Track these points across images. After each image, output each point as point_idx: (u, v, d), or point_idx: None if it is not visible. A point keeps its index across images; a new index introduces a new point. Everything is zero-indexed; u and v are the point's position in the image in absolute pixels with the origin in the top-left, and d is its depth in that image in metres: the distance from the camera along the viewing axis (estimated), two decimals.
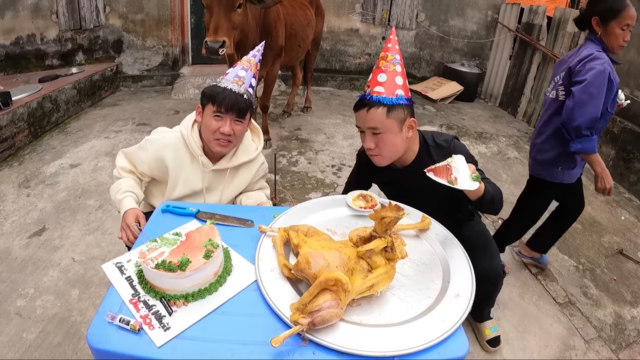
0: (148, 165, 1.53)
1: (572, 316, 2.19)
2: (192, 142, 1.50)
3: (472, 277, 1.06)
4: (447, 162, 1.16)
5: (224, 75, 1.47)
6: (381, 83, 1.36)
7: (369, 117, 1.36)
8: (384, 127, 1.36)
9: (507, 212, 2.42)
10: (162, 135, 1.54)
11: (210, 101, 1.42)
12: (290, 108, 4.82)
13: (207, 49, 2.73)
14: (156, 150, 1.50)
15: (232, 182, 1.60)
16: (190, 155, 1.53)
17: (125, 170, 1.56)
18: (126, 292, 1.00)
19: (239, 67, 1.48)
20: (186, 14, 5.72)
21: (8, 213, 2.76)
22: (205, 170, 1.54)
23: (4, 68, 5.24)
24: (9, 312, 1.99)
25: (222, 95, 1.40)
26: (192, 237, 1.06)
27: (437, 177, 1.15)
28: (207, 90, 1.45)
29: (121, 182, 1.53)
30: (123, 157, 1.59)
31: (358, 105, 1.40)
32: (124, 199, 1.49)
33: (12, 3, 5.12)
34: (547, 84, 4.82)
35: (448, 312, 0.95)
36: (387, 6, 5.94)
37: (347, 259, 0.94)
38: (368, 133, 1.39)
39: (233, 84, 1.43)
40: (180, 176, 1.53)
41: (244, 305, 0.98)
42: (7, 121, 3.52)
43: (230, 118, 1.43)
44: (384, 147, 1.40)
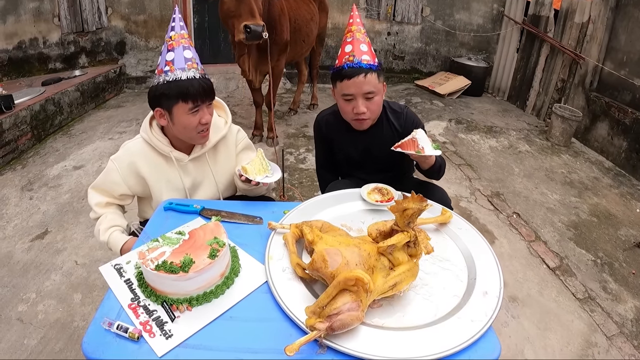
0: (125, 183, 1.41)
1: (593, 312, 2.13)
2: (157, 143, 1.38)
3: (500, 273, 0.99)
4: (412, 135, 1.30)
5: (171, 65, 1.28)
6: (365, 52, 1.45)
7: (367, 82, 1.43)
8: (376, 90, 1.46)
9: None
10: (125, 148, 1.42)
11: (179, 99, 1.28)
12: (296, 105, 4.75)
13: (250, 32, 2.61)
14: (128, 165, 1.39)
15: (216, 165, 1.49)
16: (161, 157, 1.41)
17: (101, 205, 1.43)
18: (125, 296, 0.93)
19: (180, 48, 1.30)
20: (189, 14, 5.65)
21: (11, 216, 2.70)
22: (183, 165, 1.43)
23: (7, 73, 5.21)
24: (10, 318, 1.93)
25: (193, 89, 1.27)
26: (195, 235, 0.98)
27: (405, 150, 1.28)
28: (167, 89, 1.28)
29: (100, 222, 1.41)
30: (94, 192, 1.45)
31: (352, 72, 1.43)
32: (110, 236, 1.38)
33: (13, 7, 5.09)
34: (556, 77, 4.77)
35: (477, 312, 0.87)
36: (392, 1, 5.85)
37: (367, 255, 0.85)
38: (361, 98, 1.45)
39: (190, 70, 1.29)
40: (161, 181, 1.42)
41: (253, 309, 0.89)
42: (9, 124, 3.47)
43: (205, 106, 1.33)
44: (373, 109, 1.50)
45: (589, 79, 4.43)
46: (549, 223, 2.85)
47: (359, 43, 1.46)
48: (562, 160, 3.91)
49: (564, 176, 3.57)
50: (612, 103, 4.06)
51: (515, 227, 2.77)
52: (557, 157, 3.96)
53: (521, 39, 5.51)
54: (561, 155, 4.02)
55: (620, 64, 4.07)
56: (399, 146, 1.29)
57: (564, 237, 2.71)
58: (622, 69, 4.02)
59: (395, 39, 6.12)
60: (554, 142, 4.27)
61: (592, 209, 3.07)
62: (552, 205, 3.07)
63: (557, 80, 4.87)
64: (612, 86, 4.16)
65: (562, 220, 2.90)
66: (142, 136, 1.40)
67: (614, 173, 3.74)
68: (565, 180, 3.49)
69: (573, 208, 3.07)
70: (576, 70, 4.60)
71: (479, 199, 3.10)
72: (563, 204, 3.11)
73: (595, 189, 3.39)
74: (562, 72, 4.81)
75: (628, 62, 3.97)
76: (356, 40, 1.46)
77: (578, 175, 3.61)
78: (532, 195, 3.20)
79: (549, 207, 3.05)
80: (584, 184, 3.47)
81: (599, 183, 3.51)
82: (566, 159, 3.94)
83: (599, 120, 4.22)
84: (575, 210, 3.04)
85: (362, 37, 1.47)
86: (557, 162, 3.84)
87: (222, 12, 2.81)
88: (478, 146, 4.08)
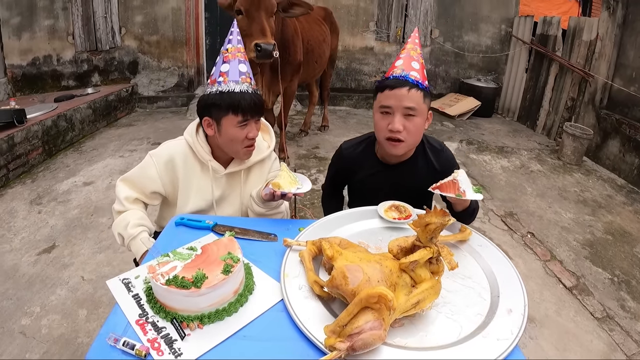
0: (161, 180, 1.38)
1: (612, 331, 2.08)
2: (199, 149, 1.38)
3: (524, 290, 0.95)
4: (453, 177, 1.19)
5: (224, 76, 1.29)
6: (415, 69, 1.33)
7: (410, 96, 1.29)
8: (419, 109, 1.31)
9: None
10: (167, 145, 1.41)
11: (230, 111, 1.27)
12: (307, 127, 4.76)
13: (261, 50, 2.61)
14: (166, 161, 1.38)
15: (247, 185, 1.48)
16: (199, 163, 1.40)
17: (130, 200, 1.38)
18: (133, 312, 0.89)
19: (236, 60, 1.30)
20: (201, 35, 5.75)
21: (18, 229, 2.70)
22: (217, 177, 1.42)
23: (20, 88, 5.31)
24: (12, 331, 1.91)
25: (244, 102, 1.26)
26: (209, 250, 0.94)
27: (444, 192, 1.17)
28: (219, 100, 1.28)
29: (127, 216, 1.35)
30: (124, 185, 1.40)
31: (395, 83, 1.30)
32: (139, 234, 1.32)
33: (29, 24, 5.22)
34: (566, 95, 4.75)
35: (502, 330, 0.82)
36: (401, 23, 5.91)
37: (389, 272, 0.81)
38: (400, 113, 1.30)
39: (243, 84, 1.28)
40: (191, 186, 1.40)
41: (268, 328, 0.85)
42: (21, 138, 3.51)
43: (254, 121, 1.32)
44: (411, 131, 1.32)
45: (598, 97, 4.41)
46: (564, 242, 2.79)
47: (410, 59, 1.34)
48: (574, 178, 3.86)
49: (577, 195, 3.51)
50: (622, 120, 4.03)
51: (530, 246, 2.72)
52: (570, 175, 3.91)
53: (530, 59, 5.54)
54: (573, 173, 3.97)
55: (629, 80, 4.05)
56: (437, 187, 1.18)
57: (580, 256, 2.65)
58: (631, 85, 4.00)
59: None
60: (566, 161, 4.22)
61: (607, 227, 3.01)
62: (566, 224, 3.02)
63: (567, 99, 4.86)
64: (622, 103, 4.13)
65: (577, 239, 2.84)
66: (186, 138, 1.40)
67: (626, 190, 3.69)
68: (578, 199, 3.43)
69: (587, 226, 3.01)
70: (586, 88, 4.59)
71: (493, 219, 3.05)
72: (577, 222, 3.06)
73: (608, 207, 3.33)
74: (572, 90, 4.80)
75: (637, 78, 3.96)
76: (408, 57, 1.35)
77: (591, 194, 3.56)
78: (546, 215, 3.14)
79: (564, 226, 2.99)
80: (597, 202, 3.41)
81: (612, 201, 3.45)
82: (578, 178, 3.88)
83: (610, 138, 4.18)
84: (590, 229, 2.98)
85: (416, 55, 1.36)
86: (570, 181, 3.79)
87: None
88: (490, 166, 4.05)
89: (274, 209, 1.39)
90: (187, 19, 5.55)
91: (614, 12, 4.19)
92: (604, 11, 4.34)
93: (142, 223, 1.36)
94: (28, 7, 5.17)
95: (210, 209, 1.45)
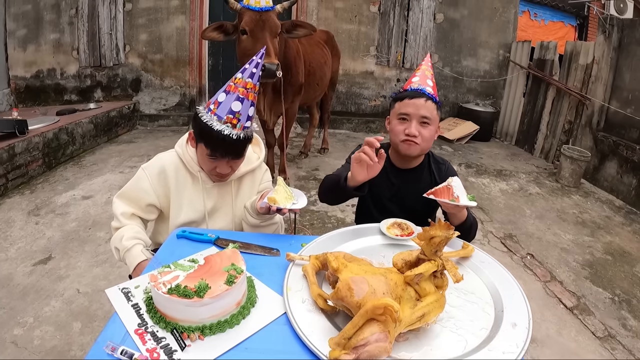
0: (154, 192, 1.38)
1: (614, 350, 2.07)
2: (189, 159, 1.39)
3: (527, 304, 0.94)
4: (447, 183, 1.23)
5: (215, 107, 1.24)
6: (430, 85, 1.47)
7: (426, 106, 1.44)
8: (433, 119, 1.46)
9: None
10: (158, 157, 1.43)
11: (202, 140, 1.27)
12: (307, 149, 4.78)
13: (264, 70, 2.59)
14: (158, 173, 1.39)
15: (238, 196, 1.48)
16: (190, 175, 1.41)
17: (127, 215, 1.38)
18: (132, 321, 0.87)
19: (233, 96, 1.23)
20: (204, 56, 5.84)
21: (15, 239, 2.69)
22: (208, 187, 1.42)
23: (23, 100, 5.36)
24: (4, 340, 1.88)
25: (217, 141, 1.23)
26: (212, 261, 0.94)
27: (438, 198, 1.21)
28: (198, 126, 1.26)
29: (123, 230, 1.35)
30: (120, 202, 1.40)
31: (414, 94, 1.45)
32: (133, 247, 1.31)
33: (34, 37, 5.30)
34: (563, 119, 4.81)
35: (508, 344, 0.82)
36: (401, 48, 6.03)
37: (394, 285, 0.80)
38: (416, 121, 1.45)
39: (226, 124, 1.23)
40: (183, 197, 1.41)
41: (271, 340, 0.84)
42: (21, 149, 3.52)
43: (226, 160, 1.31)
44: (425, 137, 1.46)
45: (595, 119, 4.47)
46: (564, 263, 2.78)
47: (425, 78, 1.49)
48: (572, 200, 3.87)
49: (576, 216, 3.52)
50: (619, 141, 4.08)
51: (530, 268, 2.71)
52: (568, 197, 3.93)
53: (527, 83, 5.63)
54: (571, 196, 3.98)
55: (626, 102, 4.12)
56: (432, 193, 1.23)
57: (580, 277, 2.64)
58: (628, 107, 4.07)
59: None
60: (564, 184, 4.25)
61: (606, 248, 3.02)
62: (565, 246, 3.01)
63: (564, 122, 4.92)
64: (619, 125, 4.19)
65: (576, 259, 2.84)
66: (177, 150, 1.41)
67: (625, 211, 3.71)
68: (577, 220, 3.44)
69: (587, 247, 3.01)
70: (583, 111, 4.66)
71: (492, 241, 3.05)
72: (577, 243, 3.06)
73: (607, 228, 3.34)
74: (569, 113, 4.87)
75: (633, 100, 4.03)
76: (424, 76, 1.49)
77: (590, 215, 3.57)
78: (545, 236, 3.14)
79: (563, 247, 2.99)
80: (596, 223, 3.42)
81: (611, 222, 3.47)
82: (577, 200, 3.90)
83: (607, 160, 4.22)
84: (590, 250, 2.98)
85: (430, 75, 1.50)
86: (568, 203, 3.81)
87: (239, 50, 2.89)
88: (489, 189, 4.07)
89: (267, 221, 1.40)
90: (191, 39, 5.65)
91: (610, 35, 4.29)
92: (599, 35, 4.44)
93: (137, 236, 1.36)
94: (35, 20, 5.27)
95: (202, 221, 1.45)
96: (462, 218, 1.31)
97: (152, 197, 1.39)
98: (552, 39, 5.91)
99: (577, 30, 7.05)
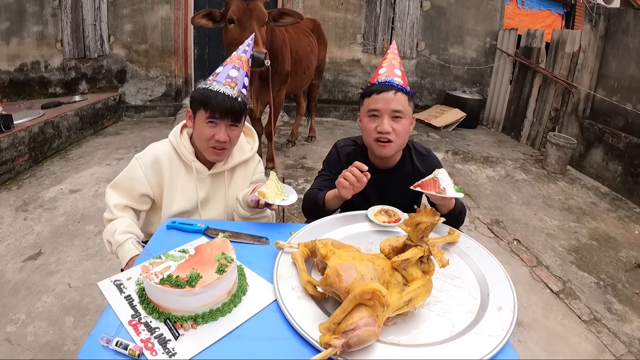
0: (148, 181, 1.38)
1: (600, 333, 2.13)
2: (183, 149, 1.39)
3: (512, 288, 0.97)
4: (434, 175, 1.23)
5: (214, 76, 1.33)
6: (398, 75, 1.41)
7: (396, 99, 1.37)
8: (405, 112, 1.39)
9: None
10: (152, 147, 1.43)
11: (201, 107, 1.30)
12: (294, 137, 4.78)
13: (253, 58, 2.64)
14: (152, 162, 1.38)
15: (231, 186, 1.49)
16: (184, 165, 1.42)
17: (119, 207, 1.39)
18: (125, 313, 0.88)
19: (230, 65, 1.34)
20: (189, 45, 5.77)
21: (3, 236, 2.66)
22: (201, 177, 1.43)
23: (7, 94, 5.25)
24: None
25: (215, 100, 1.28)
26: (202, 250, 0.95)
27: (425, 190, 1.21)
28: (197, 94, 1.32)
29: (116, 223, 1.36)
30: (113, 192, 1.41)
31: (381, 88, 1.38)
32: (125, 242, 1.32)
33: (17, 30, 5.18)
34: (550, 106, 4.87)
35: (494, 326, 0.85)
36: (388, 36, 6.02)
37: (382, 270, 0.83)
38: (388, 116, 1.37)
39: (225, 86, 1.30)
40: (176, 187, 1.41)
41: (263, 327, 0.86)
42: (7, 144, 3.47)
43: (225, 124, 1.32)
44: (399, 133, 1.39)
45: (581, 107, 4.54)
46: (550, 248, 2.85)
47: (393, 67, 1.42)
48: (558, 187, 3.94)
49: (562, 202, 3.59)
50: (605, 129, 4.15)
51: (517, 253, 2.76)
52: (554, 184, 4.00)
53: (514, 71, 5.68)
54: (558, 182, 4.05)
55: (612, 91, 4.18)
56: (418, 185, 1.22)
57: (566, 261, 2.71)
58: (613, 95, 4.13)
59: None
60: (550, 170, 4.32)
61: (592, 233, 3.09)
62: (551, 231, 3.08)
63: (551, 110, 4.98)
64: (605, 112, 4.26)
65: (562, 245, 2.90)
66: (170, 140, 1.42)
67: (610, 197, 3.78)
68: (563, 207, 3.51)
69: (573, 233, 3.08)
70: (569, 99, 4.72)
71: (479, 227, 3.10)
72: (562, 229, 3.12)
73: (593, 214, 3.41)
74: (555, 101, 4.93)
75: (619, 88, 4.09)
76: (390, 65, 1.43)
77: (575, 201, 3.64)
78: (532, 222, 3.20)
79: (549, 233, 3.05)
80: (581, 209, 3.49)
81: (596, 208, 3.54)
82: (563, 186, 3.97)
83: (593, 147, 4.29)
84: (575, 235, 3.05)
85: (397, 64, 1.44)
86: (554, 189, 3.87)
87: (226, 39, 2.87)
88: (475, 176, 4.12)
89: (259, 213, 1.41)
90: (177, 29, 5.57)
91: (596, 24, 4.34)
92: (586, 24, 4.48)
93: (130, 230, 1.36)
94: (17, 13, 5.14)
95: (195, 211, 1.46)
96: (450, 207, 1.31)
97: (145, 187, 1.39)
98: (539, 27, 5.95)
99: (564, 19, 7.09)
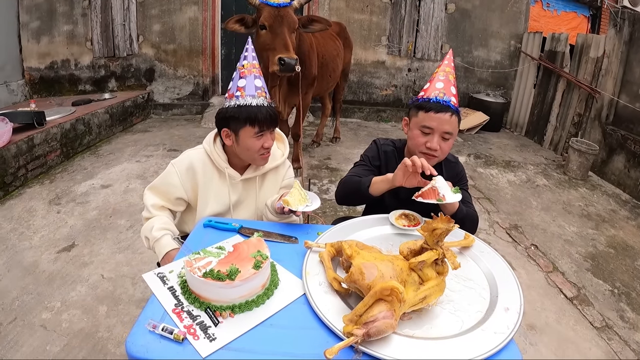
0: (183, 186, 1.50)
1: (610, 340, 2.15)
2: (216, 157, 1.49)
3: (520, 291, 1.05)
4: (431, 184, 1.27)
5: (241, 91, 1.40)
6: (454, 94, 1.46)
7: (451, 122, 1.43)
8: (454, 133, 1.47)
9: None
10: (187, 154, 1.54)
11: (247, 123, 1.39)
12: (319, 138, 4.88)
13: (284, 64, 2.72)
14: (187, 168, 1.49)
15: (262, 190, 1.59)
16: (217, 171, 1.52)
17: (157, 207, 1.50)
18: (169, 302, 0.99)
19: (252, 76, 1.41)
20: (217, 46, 5.92)
21: (37, 228, 2.81)
22: (234, 183, 1.53)
23: (37, 91, 5.48)
24: (33, 324, 1.98)
25: (261, 115, 1.38)
26: (240, 248, 1.06)
27: (426, 199, 1.26)
28: (237, 113, 1.39)
29: (153, 221, 1.47)
30: (151, 193, 1.53)
31: (439, 107, 1.43)
32: (162, 237, 1.43)
33: (48, 29, 5.41)
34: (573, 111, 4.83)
35: (500, 325, 0.93)
36: (413, 38, 6.05)
37: (400, 270, 0.92)
38: (439, 136, 1.44)
39: (259, 98, 1.40)
40: (210, 192, 1.52)
41: (292, 318, 0.96)
42: (40, 140, 3.65)
43: (269, 132, 1.44)
44: (445, 151, 1.48)
45: (604, 113, 4.50)
46: (567, 254, 2.87)
47: (450, 84, 1.46)
48: (579, 193, 3.93)
49: (581, 209, 3.59)
50: (628, 136, 4.11)
51: (533, 258, 2.80)
52: (575, 190, 3.99)
53: (538, 75, 5.63)
54: (578, 188, 4.04)
55: (635, 97, 4.13)
56: (419, 195, 1.27)
57: (582, 268, 2.73)
58: (637, 102, 4.09)
59: (415, 75, 6.29)
60: (571, 176, 4.30)
61: (610, 241, 3.09)
62: (569, 238, 3.10)
63: (574, 115, 4.95)
64: (628, 119, 4.22)
65: (579, 251, 2.92)
66: (205, 147, 1.52)
67: (631, 205, 3.76)
68: (582, 213, 3.51)
69: (590, 240, 3.09)
70: (592, 104, 4.67)
71: (498, 232, 3.14)
72: (580, 236, 3.13)
73: (612, 221, 3.41)
74: (579, 106, 4.89)
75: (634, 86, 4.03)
76: (448, 81, 1.47)
77: (595, 208, 3.63)
78: (550, 228, 3.22)
79: (567, 239, 3.07)
80: (601, 216, 3.49)
81: (616, 215, 3.53)
82: (583, 192, 3.96)
83: (615, 154, 4.26)
84: (593, 242, 3.06)
85: (453, 80, 1.48)
86: (575, 196, 3.87)
87: (257, 44, 2.97)
88: (496, 180, 4.14)
89: (286, 219, 1.51)
90: (204, 29, 5.73)
91: (621, 29, 4.29)
92: (610, 29, 4.44)
93: (166, 227, 1.48)
94: (48, 12, 5.37)
95: (227, 213, 1.57)
96: (453, 210, 1.38)
97: (180, 192, 1.51)
98: (564, 30, 5.89)
99: (590, 21, 6.98)
